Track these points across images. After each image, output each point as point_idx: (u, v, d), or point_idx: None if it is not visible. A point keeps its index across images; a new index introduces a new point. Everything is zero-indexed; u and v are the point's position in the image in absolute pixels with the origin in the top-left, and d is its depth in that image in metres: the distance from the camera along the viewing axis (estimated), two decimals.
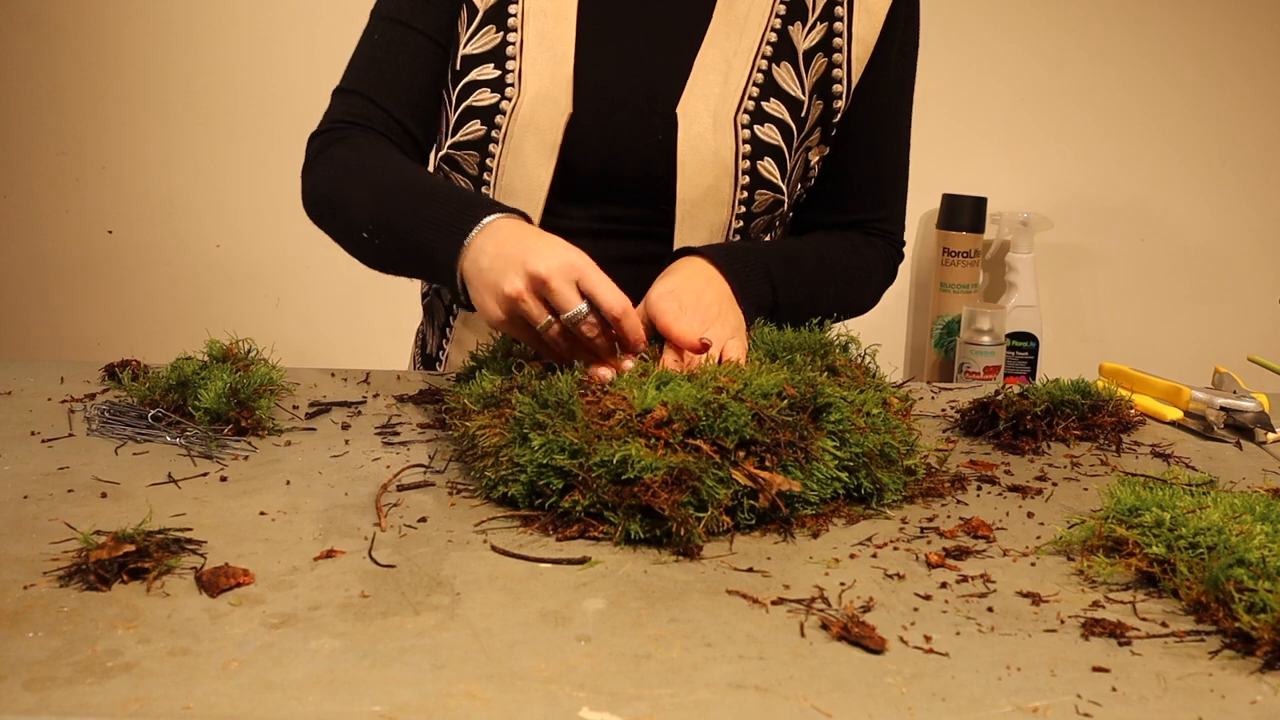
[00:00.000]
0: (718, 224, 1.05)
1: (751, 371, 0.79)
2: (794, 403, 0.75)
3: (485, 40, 1.07)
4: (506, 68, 1.05)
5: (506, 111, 1.04)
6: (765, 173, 1.05)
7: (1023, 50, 2.17)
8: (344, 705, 0.50)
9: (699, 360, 0.83)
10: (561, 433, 0.71)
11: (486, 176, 1.07)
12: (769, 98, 1.05)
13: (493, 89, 1.05)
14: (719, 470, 0.69)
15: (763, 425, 0.72)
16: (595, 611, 0.59)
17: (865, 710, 0.50)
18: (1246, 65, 2.20)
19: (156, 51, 2.26)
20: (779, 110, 1.05)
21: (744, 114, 1.04)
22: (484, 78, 1.06)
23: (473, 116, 1.06)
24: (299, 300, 2.33)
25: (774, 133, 1.05)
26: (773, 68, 1.05)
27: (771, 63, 1.05)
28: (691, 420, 0.71)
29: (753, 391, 0.74)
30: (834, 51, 1.07)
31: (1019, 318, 2.14)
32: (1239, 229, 2.26)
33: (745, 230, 1.07)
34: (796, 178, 1.10)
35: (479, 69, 1.06)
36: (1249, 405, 1.00)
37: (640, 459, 0.68)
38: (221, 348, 1.01)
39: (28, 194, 2.31)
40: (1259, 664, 0.55)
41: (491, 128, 1.05)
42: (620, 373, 0.79)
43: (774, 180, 1.06)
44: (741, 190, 1.05)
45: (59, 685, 0.50)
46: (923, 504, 0.78)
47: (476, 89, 1.06)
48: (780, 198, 1.08)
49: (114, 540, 0.63)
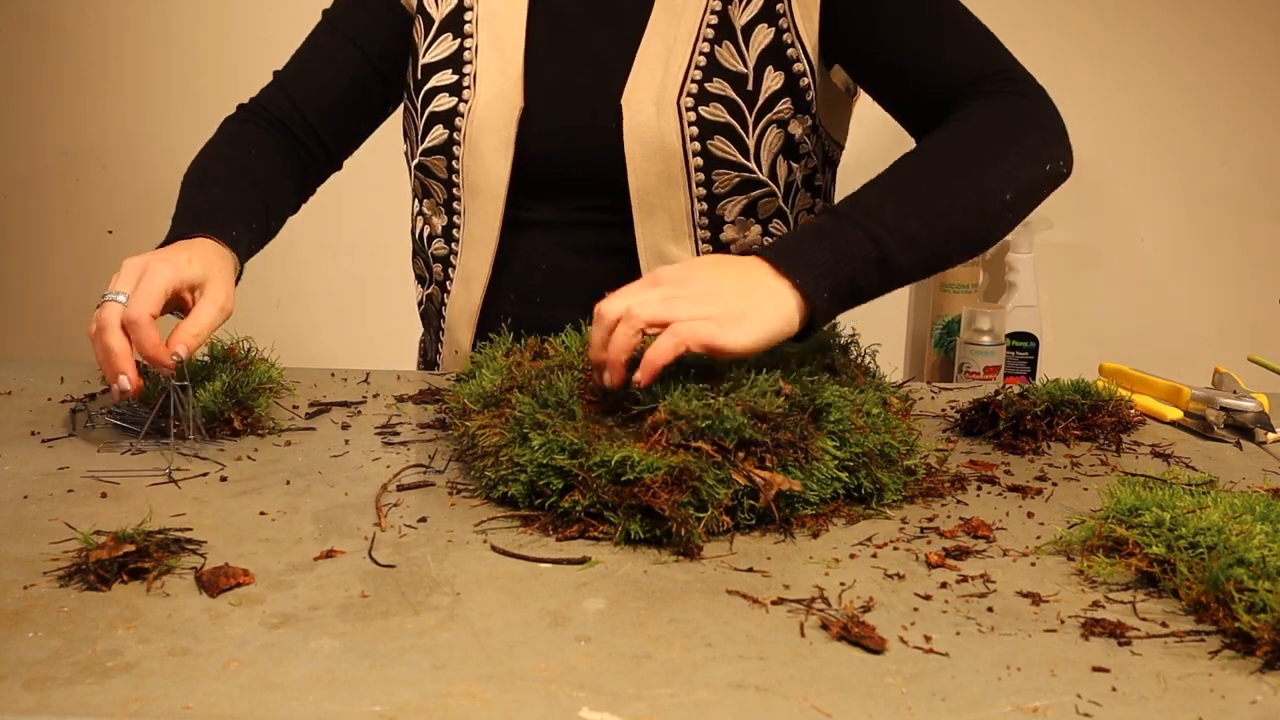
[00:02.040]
0: (677, 209, 1.06)
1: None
2: (794, 402, 0.75)
3: (443, 48, 1.11)
4: (464, 71, 1.09)
5: (464, 114, 1.08)
6: (720, 152, 1.05)
7: (1021, 51, 2.17)
8: (344, 705, 0.50)
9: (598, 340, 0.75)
10: (561, 433, 0.72)
11: (455, 179, 1.10)
12: (712, 78, 1.05)
13: (450, 93, 1.09)
14: (719, 470, 0.69)
15: (761, 423, 0.71)
16: (595, 611, 0.59)
17: (865, 710, 0.50)
18: (1246, 65, 2.19)
19: (156, 51, 2.25)
20: (723, 89, 1.05)
21: (687, 97, 1.04)
22: (443, 83, 1.10)
23: (435, 122, 1.10)
24: (299, 300, 2.33)
25: (720, 110, 1.04)
26: (714, 49, 1.05)
27: (713, 44, 1.05)
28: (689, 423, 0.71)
29: (748, 391, 0.74)
30: (779, 18, 1.05)
31: (1019, 318, 2.14)
32: (1239, 229, 2.26)
33: (713, 211, 1.07)
34: (772, 152, 1.07)
35: (438, 75, 1.10)
36: (1249, 405, 1.00)
37: (640, 459, 0.68)
38: (222, 347, 1.01)
39: (28, 194, 2.31)
40: (1259, 664, 0.55)
41: (452, 130, 1.09)
42: (120, 393, 0.84)
43: (732, 158, 1.05)
44: (697, 173, 1.05)
45: (59, 685, 0.50)
46: (923, 504, 0.78)
47: (436, 95, 1.10)
48: (751, 176, 1.06)
49: (114, 540, 0.63)
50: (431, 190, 1.14)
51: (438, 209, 1.14)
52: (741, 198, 1.07)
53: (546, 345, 0.91)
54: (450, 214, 1.13)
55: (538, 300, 1.11)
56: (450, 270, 1.14)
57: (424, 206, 1.17)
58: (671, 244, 1.07)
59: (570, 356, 0.84)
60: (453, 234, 1.13)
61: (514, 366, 0.85)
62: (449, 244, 1.14)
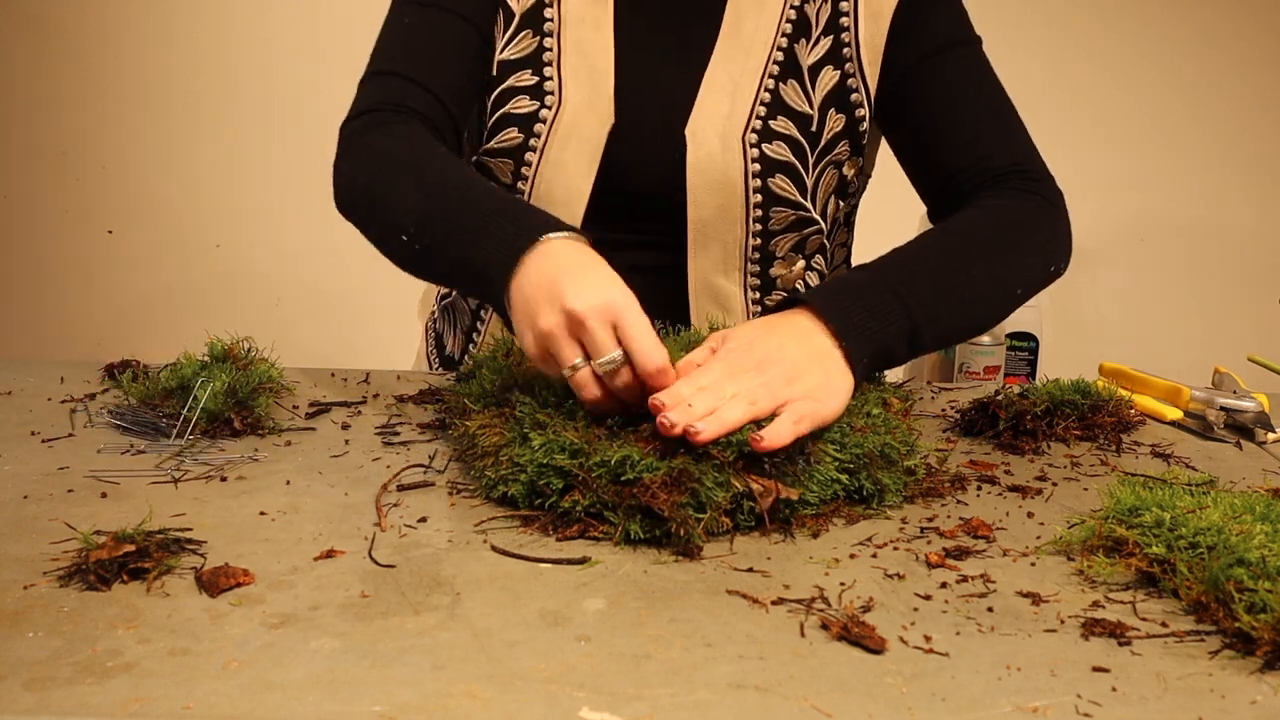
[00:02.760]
0: (731, 242, 1.05)
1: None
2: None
3: (522, 45, 1.05)
4: (545, 74, 1.04)
5: (546, 120, 1.03)
6: (779, 190, 1.04)
7: (1021, 51, 2.17)
8: (344, 705, 0.50)
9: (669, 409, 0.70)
10: (561, 433, 0.71)
11: (521, 185, 1.05)
12: (776, 115, 1.04)
13: (531, 96, 1.04)
14: (718, 473, 0.69)
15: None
16: (595, 611, 0.60)
17: (865, 710, 0.50)
18: (1246, 65, 2.20)
19: (156, 51, 2.26)
20: (787, 128, 1.04)
21: (752, 133, 1.03)
22: (522, 84, 1.04)
23: (510, 123, 1.04)
24: (299, 300, 2.33)
25: (784, 149, 1.03)
26: (780, 86, 1.04)
27: (779, 81, 1.04)
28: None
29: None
30: (845, 62, 1.05)
31: (1019, 318, 2.15)
32: (1239, 229, 2.26)
33: (765, 247, 1.06)
34: (827, 192, 1.08)
35: (516, 75, 1.05)
36: (1249, 405, 1.00)
37: (640, 459, 0.68)
38: (222, 347, 1.01)
39: (28, 194, 2.32)
40: (1259, 664, 0.55)
41: (530, 135, 1.04)
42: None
43: (791, 197, 1.04)
44: (755, 209, 1.04)
45: (59, 685, 0.50)
46: (923, 504, 0.78)
47: (514, 96, 1.04)
48: (805, 214, 1.06)
49: (114, 540, 0.63)
50: None
51: None
52: (794, 235, 1.07)
53: None
54: None
55: None
56: None
57: None
58: (721, 276, 1.06)
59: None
60: None
61: (514, 366, 0.85)
62: None
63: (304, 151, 2.20)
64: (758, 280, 1.07)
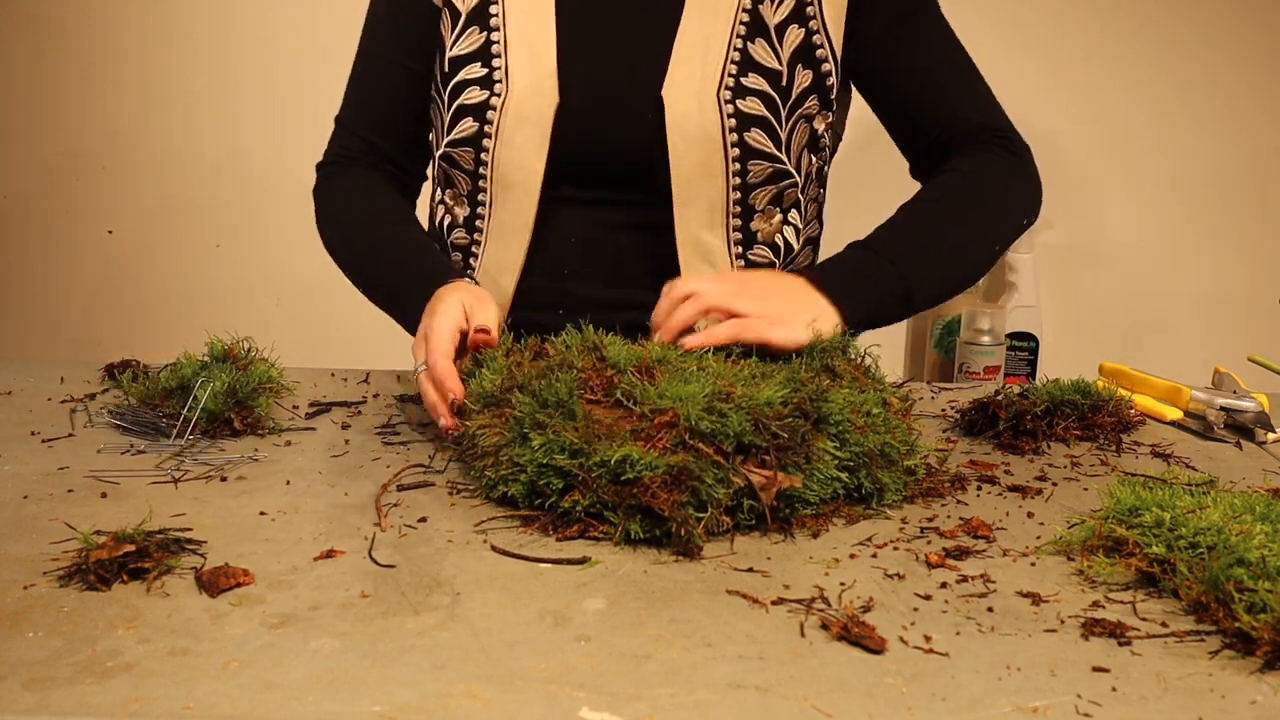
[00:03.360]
0: (714, 195, 1.09)
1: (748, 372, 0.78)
2: (796, 409, 0.75)
3: (470, 41, 1.11)
4: (493, 64, 1.10)
5: (496, 107, 1.09)
6: (755, 143, 1.08)
7: (1021, 51, 2.17)
8: (344, 705, 0.50)
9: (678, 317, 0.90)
10: (562, 433, 0.71)
11: (483, 170, 1.11)
12: (747, 73, 1.08)
13: (481, 86, 1.10)
14: (718, 470, 0.69)
15: (763, 432, 0.71)
16: (595, 611, 0.60)
17: (865, 710, 0.50)
18: (1245, 66, 2.19)
19: (156, 51, 2.26)
20: (759, 83, 1.08)
21: (726, 90, 1.08)
22: (472, 76, 1.10)
23: (465, 114, 1.11)
24: (299, 300, 2.33)
25: (757, 104, 1.08)
26: (748, 45, 1.09)
27: (746, 40, 1.09)
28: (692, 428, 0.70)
29: (755, 402, 0.74)
30: (809, 19, 1.10)
31: (1019, 318, 2.14)
32: (1238, 229, 2.26)
33: (745, 200, 1.10)
34: (800, 145, 1.12)
35: (467, 68, 1.11)
36: (1249, 405, 1.00)
37: (640, 458, 0.68)
38: (222, 347, 1.01)
39: (28, 194, 2.31)
40: (1259, 664, 0.55)
41: (483, 123, 1.09)
42: (446, 430, 0.85)
43: (766, 149, 1.09)
44: (734, 162, 1.08)
45: (59, 685, 0.50)
46: (923, 504, 0.78)
47: (466, 88, 1.11)
48: (781, 166, 1.10)
49: (114, 540, 0.63)
50: (455, 181, 1.15)
51: (460, 199, 1.15)
52: (772, 187, 1.11)
53: (547, 345, 0.91)
54: (474, 205, 1.14)
55: (565, 273, 1.13)
56: (472, 260, 1.15)
57: (445, 196, 1.18)
58: (707, 231, 1.10)
59: (571, 356, 0.84)
60: (475, 224, 1.14)
61: (514, 366, 0.85)
62: (470, 234, 1.15)
63: (304, 152, 2.19)
64: (739, 235, 1.12)
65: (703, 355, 0.84)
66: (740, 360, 0.85)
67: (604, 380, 0.77)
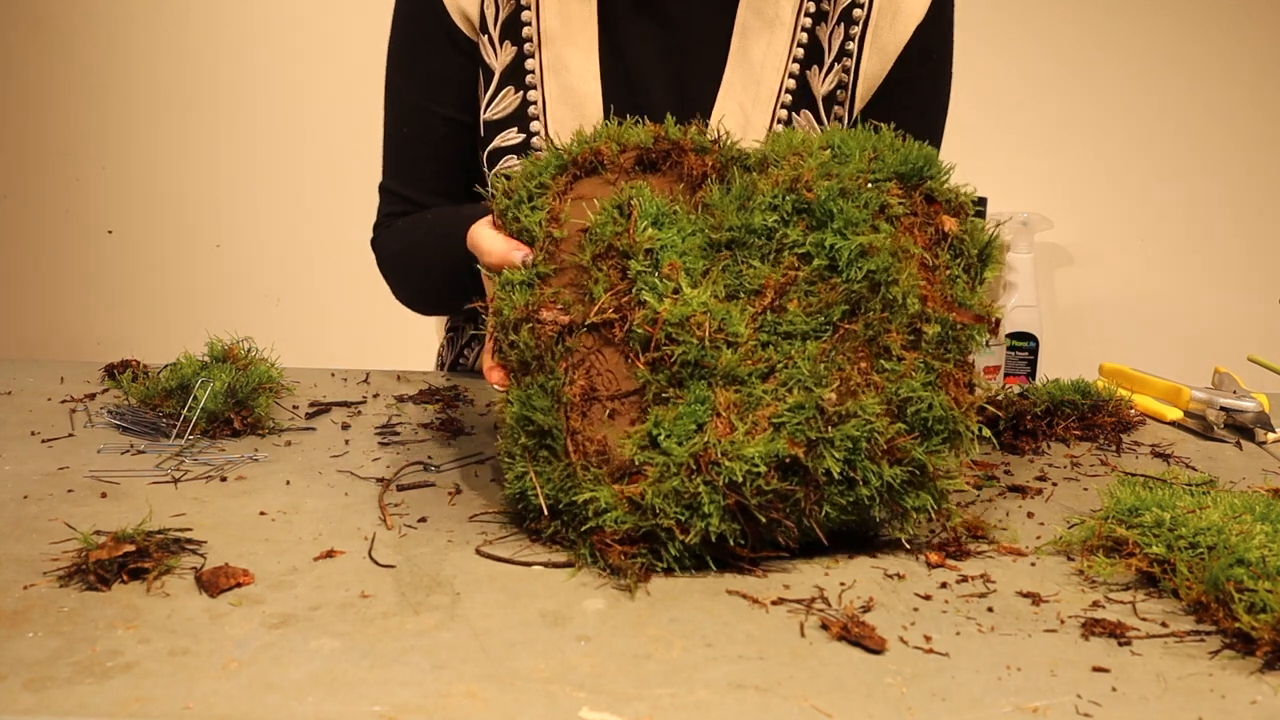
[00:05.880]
0: None
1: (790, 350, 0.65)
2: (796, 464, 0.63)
3: (505, 104, 1.05)
4: (531, 129, 1.04)
5: None
6: None
7: (1023, 51, 2.17)
8: (344, 705, 0.50)
9: None
10: (541, 466, 0.68)
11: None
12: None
13: (519, 154, 1.04)
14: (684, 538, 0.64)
15: (745, 514, 0.64)
16: (595, 611, 0.59)
17: (865, 710, 0.50)
18: (1246, 65, 2.20)
19: (156, 51, 2.26)
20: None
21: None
22: (508, 143, 1.05)
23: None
24: (299, 300, 2.33)
25: None
26: (793, 116, 1.03)
27: (791, 111, 1.03)
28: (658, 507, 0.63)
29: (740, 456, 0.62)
30: (846, 89, 1.05)
31: (1019, 318, 2.14)
32: (1239, 229, 2.26)
33: None
34: None
35: (503, 134, 1.05)
36: (1249, 405, 1.00)
37: (607, 507, 0.64)
38: (222, 347, 1.01)
39: (28, 194, 2.32)
40: (1259, 664, 0.55)
41: None
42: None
43: None
44: None
45: (59, 685, 0.50)
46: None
47: (503, 156, 1.05)
48: None
49: (114, 540, 0.63)
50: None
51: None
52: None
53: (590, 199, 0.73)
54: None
55: None
56: None
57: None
58: None
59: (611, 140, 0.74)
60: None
61: (549, 221, 0.72)
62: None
63: (304, 152, 2.20)
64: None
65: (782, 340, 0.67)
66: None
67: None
